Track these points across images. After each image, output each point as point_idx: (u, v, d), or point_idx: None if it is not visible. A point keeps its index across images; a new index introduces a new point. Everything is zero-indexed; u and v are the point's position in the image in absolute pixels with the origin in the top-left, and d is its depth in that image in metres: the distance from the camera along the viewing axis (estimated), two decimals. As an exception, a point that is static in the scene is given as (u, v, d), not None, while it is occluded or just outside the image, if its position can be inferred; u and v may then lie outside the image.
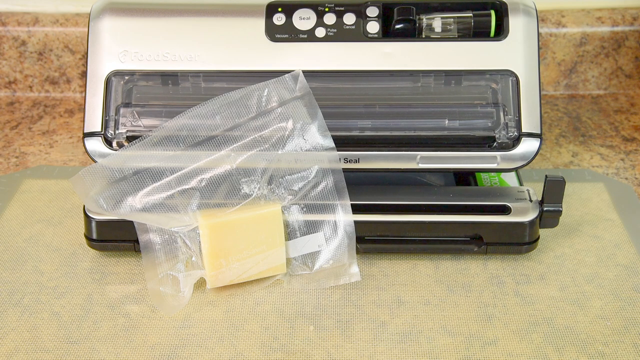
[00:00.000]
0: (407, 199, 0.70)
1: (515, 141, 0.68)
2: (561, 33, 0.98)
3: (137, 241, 0.67)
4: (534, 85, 0.68)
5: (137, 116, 0.69)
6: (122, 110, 0.69)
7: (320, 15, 0.70)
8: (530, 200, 0.69)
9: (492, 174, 0.78)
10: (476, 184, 0.76)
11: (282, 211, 0.66)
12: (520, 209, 0.69)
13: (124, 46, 0.69)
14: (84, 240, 0.71)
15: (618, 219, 0.76)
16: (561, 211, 0.69)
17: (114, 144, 0.68)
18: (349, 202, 0.67)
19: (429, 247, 0.70)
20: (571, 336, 0.62)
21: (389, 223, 0.68)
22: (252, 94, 0.67)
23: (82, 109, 0.99)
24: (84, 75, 1.01)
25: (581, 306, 0.65)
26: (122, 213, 0.65)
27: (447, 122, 0.68)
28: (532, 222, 0.68)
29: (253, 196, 0.66)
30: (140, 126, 0.69)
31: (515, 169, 0.69)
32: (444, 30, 0.70)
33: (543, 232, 0.72)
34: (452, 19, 0.70)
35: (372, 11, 0.70)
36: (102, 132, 0.68)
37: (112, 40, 0.69)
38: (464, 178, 0.77)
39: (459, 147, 0.68)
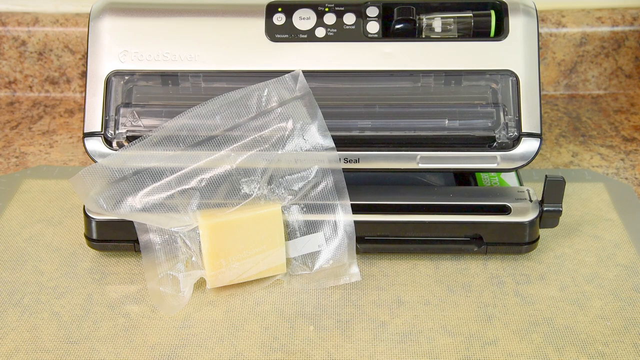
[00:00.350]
0: (407, 199, 0.70)
1: (515, 141, 0.68)
2: (561, 33, 0.98)
3: (137, 241, 0.67)
4: (534, 85, 0.68)
5: (137, 116, 0.69)
6: (122, 110, 0.69)
7: (320, 15, 0.70)
8: (530, 200, 0.69)
9: (492, 174, 0.78)
10: (476, 184, 0.76)
11: (282, 211, 0.66)
12: (520, 209, 0.69)
13: (124, 46, 0.69)
14: (84, 240, 0.71)
15: (618, 219, 0.76)
16: (561, 211, 0.69)
17: (114, 144, 0.68)
18: (349, 202, 0.67)
19: (429, 247, 0.70)
20: (571, 336, 0.62)
21: (389, 223, 0.68)
22: (252, 94, 0.67)
23: (82, 109, 0.99)
24: (84, 75, 1.01)
25: (581, 306, 0.65)
26: (122, 213, 0.65)
27: (447, 122, 0.68)
28: (532, 222, 0.68)
29: (253, 196, 0.66)
30: (140, 126, 0.69)
31: (515, 169, 0.69)
32: (444, 30, 0.70)
33: (543, 232, 0.72)
34: (452, 19, 0.70)
35: (372, 11, 0.70)
36: (102, 132, 0.68)
37: (112, 40, 0.69)
38: (464, 178, 0.77)
39: (459, 147, 0.68)
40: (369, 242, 0.70)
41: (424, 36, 0.70)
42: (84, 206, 0.68)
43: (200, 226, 0.65)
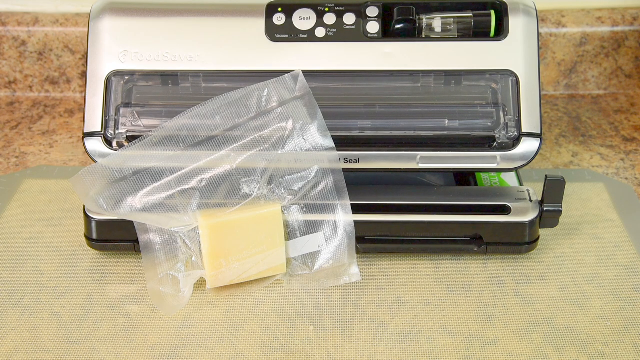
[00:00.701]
0: (407, 199, 0.70)
1: (515, 141, 0.68)
2: (561, 33, 0.98)
3: (137, 241, 0.67)
4: (534, 85, 0.68)
5: (137, 116, 0.69)
6: (122, 110, 0.69)
7: (320, 15, 0.70)
8: (530, 200, 0.69)
9: (492, 174, 0.78)
10: (476, 184, 0.76)
11: (282, 211, 0.66)
12: (520, 209, 0.69)
13: (124, 46, 0.69)
14: (84, 240, 0.71)
15: (618, 219, 0.76)
16: (561, 211, 0.69)
17: (114, 144, 0.68)
18: (349, 202, 0.67)
19: (429, 247, 0.70)
20: (571, 336, 0.62)
21: (389, 223, 0.68)
22: (252, 94, 0.67)
23: (82, 109, 0.99)
24: (84, 75, 1.01)
25: (581, 306, 0.65)
26: (122, 213, 0.65)
27: (447, 122, 0.68)
28: (532, 222, 0.68)
29: (253, 196, 0.66)
30: (140, 126, 0.69)
31: (515, 169, 0.69)
32: (444, 30, 0.70)
33: (543, 232, 0.72)
34: (452, 19, 0.70)
35: (372, 11, 0.70)
36: (102, 132, 0.68)
37: (112, 40, 0.69)
38: (464, 178, 0.77)
39: (459, 147, 0.68)
40: (369, 242, 0.70)
41: (424, 36, 0.70)
42: (84, 206, 0.68)
43: (200, 226, 0.65)
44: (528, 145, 0.68)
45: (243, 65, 0.69)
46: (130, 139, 0.67)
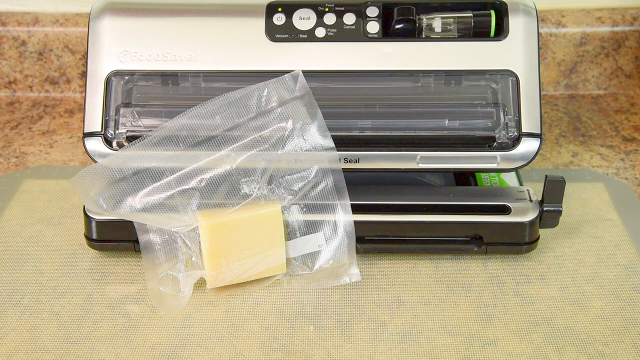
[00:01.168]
0: (407, 199, 0.70)
1: (515, 141, 0.68)
2: (561, 33, 0.98)
3: (137, 241, 0.67)
4: (534, 85, 0.68)
5: (137, 116, 0.69)
6: (122, 110, 0.69)
7: (320, 15, 0.70)
8: (530, 200, 0.69)
9: (492, 174, 0.78)
10: (476, 184, 0.76)
11: (282, 211, 0.66)
12: (520, 209, 0.69)
13: (124, 46, 0.69)
14: (84, 240, 0.71)
15: (618, 219, 0.76)
16: (561, 211, 0.69)
17: (114, 144, 0.68)
18: (348, 202, 0.67)
19: (429, 247, 0.70)
20: (571, 336, 0.62)
21: (389, 223, 0.68)
22: (252, 94, 0.67)
23: (82, 109, 0.99)
24: (84, 75, 1.01)
25: (581, 306, 0.65)
26: (122, 213, 0.65)
27: (447, 122, 0.68)
28: (532, 222, 0.68)
29: (253, 196, 0.66)
30: (140, 126, 0.69)
31: (515, 169, 0.69)
32: (444, 30, 0.70)
33: (543, 232, 0.72)
34: (452, 19, 0.70)
35: (372, 11, 0.70)
36: (102, 132, 0.68)
37: (112, 40, 0.69)
38: (464, 178, 0.77)
39: (459, 147, 0.68)
40: (369, 242, 0.70)
41: (424, 36, 0.70)
42: (84, 206, 0.68)
43: (200, 226, 0.65)
44: (528, 145, 0.68)
45: (243, 65, 0.69)
46: (130, 139, 0.67)
